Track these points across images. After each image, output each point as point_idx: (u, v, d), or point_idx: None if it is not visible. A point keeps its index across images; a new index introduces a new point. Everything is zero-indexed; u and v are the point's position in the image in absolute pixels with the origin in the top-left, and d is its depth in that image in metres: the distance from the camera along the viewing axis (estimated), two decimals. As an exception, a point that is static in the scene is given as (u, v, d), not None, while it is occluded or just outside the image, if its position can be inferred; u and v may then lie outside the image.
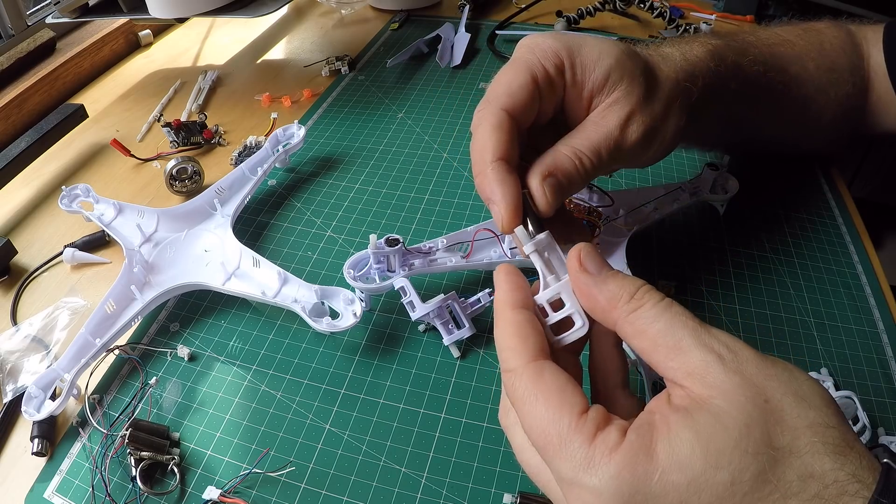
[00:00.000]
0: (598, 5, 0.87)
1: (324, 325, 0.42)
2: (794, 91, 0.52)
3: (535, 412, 0.25)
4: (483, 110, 0.34)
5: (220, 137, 0.67)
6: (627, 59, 0.37)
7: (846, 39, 0.55)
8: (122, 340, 0.45)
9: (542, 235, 0.31)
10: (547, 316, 0.30)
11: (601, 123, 0.36)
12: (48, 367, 0.41)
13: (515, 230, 0.31)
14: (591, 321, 0.29)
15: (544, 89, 0.35)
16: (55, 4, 0.74)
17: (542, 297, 0.30)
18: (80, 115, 0.67)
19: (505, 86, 0.34)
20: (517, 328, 0.28)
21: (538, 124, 0.37)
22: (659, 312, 0.26)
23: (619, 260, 0.47)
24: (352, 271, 0.45)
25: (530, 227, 0.31)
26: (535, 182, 0.33)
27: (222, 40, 0.91)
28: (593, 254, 0.28)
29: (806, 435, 0.22)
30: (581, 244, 0.29)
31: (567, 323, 0.29)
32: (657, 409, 0.25)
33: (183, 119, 0.67)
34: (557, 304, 0.30)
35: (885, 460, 0.22)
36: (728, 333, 0.25)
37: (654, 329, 0.25)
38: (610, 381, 0.30)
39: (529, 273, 0.38)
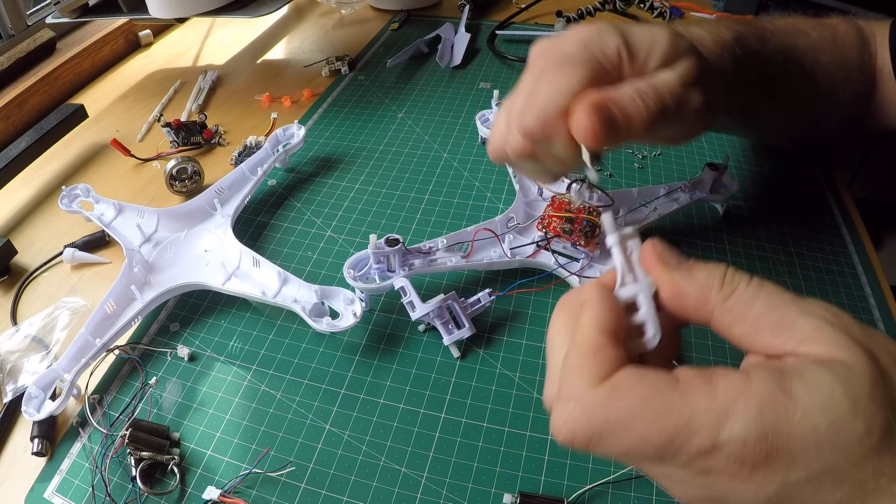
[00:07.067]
0: (598, 5, 0.87)
1: (324, 325, 0.42)
2: (809, 84, 0.52)
3: (635, 422, 0.23)
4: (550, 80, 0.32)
5: (220, 137, 0.67)
6: (678, 38, 0.36)
7: (857, 36, 0.55)
8: (122, 340, 0.45)
9: (628, 228, 0.28)
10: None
11: (659, 76, 0.34)
12: (48, 367, 0.41)
13: (603, 216, 0.28)
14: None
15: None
16: (55, 4, 0.74)
17: (619, 297, 0.27)
18: (80, 115, 0.67)
19: (563, 86, 0.32)
20: (595, 349, 0.24)
21: None
22: (754, 292, 0.24)
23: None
24: (352, 271, 0.45)
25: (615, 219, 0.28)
26: (580, 106, 0.30)
27: (222, 40, 0.91)
28: (668, 247, 0.26)
29: None
30: (650, 240, 0.27)
31: (636, 329, 0.27)
32: (785, 355, 0.24)
33: (183, 119, 0.67)
34: (629, 308, 0.27)
35: None
36: (820, 301, 0.24)
37: (755, 311, 0.24)
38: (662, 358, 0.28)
39: (532, 273, 0.37)
